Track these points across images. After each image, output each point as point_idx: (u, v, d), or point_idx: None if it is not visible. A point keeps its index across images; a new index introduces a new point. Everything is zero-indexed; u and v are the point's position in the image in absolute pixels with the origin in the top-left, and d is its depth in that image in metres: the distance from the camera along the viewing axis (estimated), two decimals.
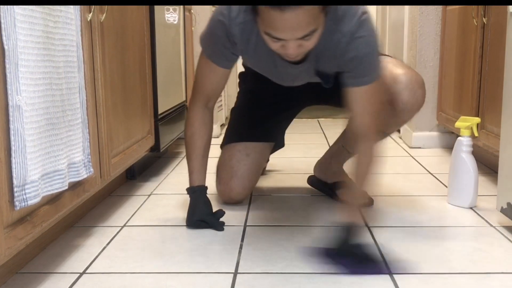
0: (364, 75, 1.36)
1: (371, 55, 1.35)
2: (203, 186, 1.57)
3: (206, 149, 1.59)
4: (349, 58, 1.34)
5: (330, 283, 1.16)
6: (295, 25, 1.16)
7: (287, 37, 1.19)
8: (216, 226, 1.51)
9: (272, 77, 1.61)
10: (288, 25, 1.16)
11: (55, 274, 1.23)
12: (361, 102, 1.38)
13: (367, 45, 1.33)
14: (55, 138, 1.14)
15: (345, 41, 1.32)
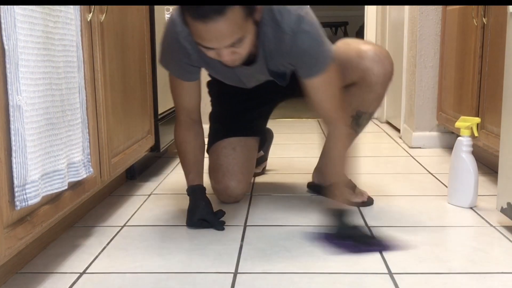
0: (313, 66, 1.41)
1: (315, 46, 1.39)
2: (202, 186, 1.58)
3: (198, 153, 1.61)
4: (295, 53, 1.39)
5: (330, 283, 1.16)
6: (219, 35, 1.21)
7: (215, 46, 1.25)
8: (217, 226, 1.51)
9: (232, 82, 1.65)
10: (213, 35, 1.21)
11: (55, 274, 1.23)
12: (318, 91, 1.44)
13: (309, 37, 1.38)
14: (55, 138, 1.14)
15: (288, 38, 1.37)
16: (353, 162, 1.51)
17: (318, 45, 1.40)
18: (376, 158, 2.49)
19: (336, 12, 5.71)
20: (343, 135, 1.50)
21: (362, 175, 2.16)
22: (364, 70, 1.61)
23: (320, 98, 1.46)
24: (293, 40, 1.38)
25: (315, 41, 1.39)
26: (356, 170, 1.59)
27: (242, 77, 1.59)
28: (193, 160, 1.60)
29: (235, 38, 1.23)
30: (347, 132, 1.51)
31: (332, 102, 1.46)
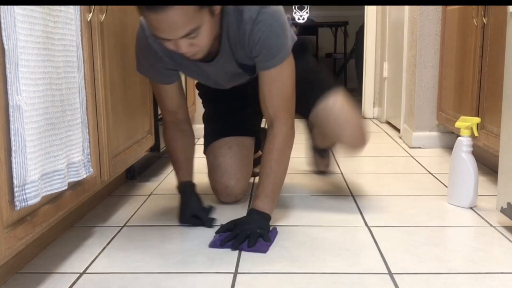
0: (270, 58, 1.40)
1: (273, 38, 1.38)
2: (192, 182, 1.60)
3: (186, 151, 1.63)
4: (253, 43, 1.38)
5: (330, 283, 1.16)
6: (172, 25, 1.22)
7: (169, 37, 1.25)
8: (208, 223, 1.53)
9: (209, 82, 1.67)
10: (166, 25, 1.22)
11: (55, 274, 1.23)
12: (270, 84, 1.43)
13: (267, 28, 1.37)
14: (55, 138, 1.14)
15: (248, 28, 1.37)
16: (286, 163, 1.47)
17: (275, 37, 1.39)
18: (376, 158, 2.49)
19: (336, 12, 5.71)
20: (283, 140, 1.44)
21: (362, 175, 2.16)
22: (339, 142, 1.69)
23: (268, 94, 1.43)
24: (251, 29, 1.37)
25: (272, 32, 1.38)
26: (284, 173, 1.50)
27: (214, 76, 1.59)
28: (182, 157, 1.61)
29: (189, 28, 1.24)
30: (287, 137, 1.45)
31: (280, 100, 1.43)
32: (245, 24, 1.37)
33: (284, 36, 1.41)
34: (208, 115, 1.89)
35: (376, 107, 3.80)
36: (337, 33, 5.51)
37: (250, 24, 1.36)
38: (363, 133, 1.66)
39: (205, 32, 1.28)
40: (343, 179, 2.05)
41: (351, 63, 5.12)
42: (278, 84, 1.43)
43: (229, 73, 1.56)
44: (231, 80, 1.62)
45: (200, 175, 2.10)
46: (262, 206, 1.42)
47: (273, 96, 1.43)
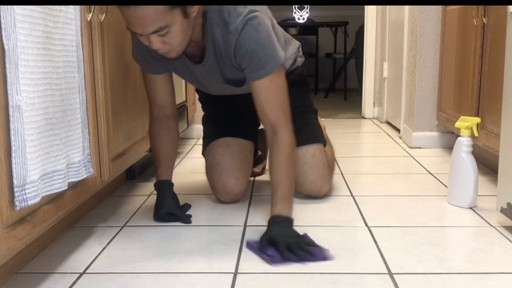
0: (259, 69, 1.41)
1: (260, 50, 1.40)
2: (169, 181, 1.62)
3: (167, 149, 1.64)
4: (241, 55, 1.41)
5: (330, 283, 1.16)
6: (141, 20, 1.25)
7: (140, 31, 1.29)
8: (184, 219, 1.55)
9: (194, 83, 1.71)
10: (136, 20, 1.26)
11: (55, 274, 1.23)
12: (265, 93, 1.44)
13: (253, 40, 1.39)
14: (55, 138, 1.14)
15: (233, 38, 1.40)
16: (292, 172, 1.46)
17: (262, 48, 1.40)
18: (376, 158, 2.49)
19: (336, 12, 5.70)
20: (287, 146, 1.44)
21: (362, 175, 2.16)
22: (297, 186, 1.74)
23: (265, 102, 1.44)
24: (237, 41, 1.40)
25: (259, 44, 1.40)
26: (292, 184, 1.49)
27: (199, 78, 1.62)
28: (162, 155, 1.63)
29: (158, 25, 1.27)
30: (291, 143, 1.45)
31: (276, 107, 1.44)
32: (231, 35, 1.40)
33: (271, 46, 1.42)
34: (208, 118, 1.90)
35: (376, 107, 3.80)
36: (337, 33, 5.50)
37: (236, 35, 1.39)
38: (321, 187, 1.76)
39: (176, 31, 1.31)
40: (343, 179, 2.05)
41: (351, 63, 5.12)
42: (273, 91, 1.44)
43: (215, 83, 1.60)
44: (217, 88, 1.67)
45: (199, 175, 2.10)
46: (285, 211, 1.39)
47: (270, 104, 1.44)
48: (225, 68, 1.50)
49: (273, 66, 1.42)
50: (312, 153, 1.75)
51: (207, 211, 1.69)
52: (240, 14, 1.39)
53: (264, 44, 1.40)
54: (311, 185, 1.74)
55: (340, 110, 4.23)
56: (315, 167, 1.74)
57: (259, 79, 1.42)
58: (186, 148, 2.73)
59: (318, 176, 1.74)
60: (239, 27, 1.38)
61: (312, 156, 1.75)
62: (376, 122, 3.65)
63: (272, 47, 1.42)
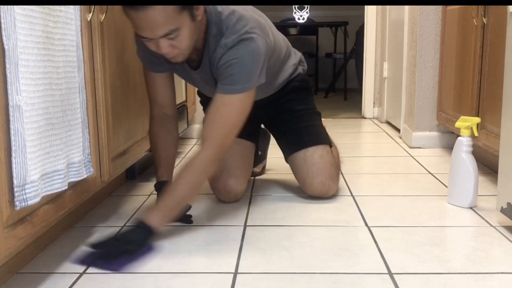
0: (228, 83, 1.41)
1: (238, 67, 1.40)
2: (170, 182, 1.59)
3: (168, 149, 1.63)
4: (221, 66, 1.42)
5: (330, 283, 1.16)
6: (151, 24, 1.26)
7: (149, 36, 1.29)
8: (185, 220, 1.54)
9: (194, 84, 1.72)
10: (145, 24, 1.26)
11: (55, 274, 1.23)
12: (218, 108, 1.42)
13: (237, 57, 1.39)
14: (55, 138, 1.14)
15: (221, 52, 1.42)
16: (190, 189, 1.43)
17: (241, 67, 1.40)
18: (376, 158, 2.49)
19: (336, 12, 5.70)
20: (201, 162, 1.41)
21: (362, 175, 2.16)
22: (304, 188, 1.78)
23: (214, 115, 1.43)
24: (222, 54, 1.41)
25: (240, 62, 1.40)
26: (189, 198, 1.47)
27: (196, 82, 1.64)
28: (163, 155, 1.62)
29: (168, 28, 1.28)
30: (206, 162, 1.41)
31: (220, 127, 1.42)
32: (220, 48, 1.42)
33: (251, 71, 1.41)
34: None
35: (376, 107, 3.80)
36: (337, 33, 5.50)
37: (224, 50, 1.41)
38: (329, 188, 1.76)
39: (185, 34, 1.32)
40: (343, 179, 2.05)
41: (351, 63, 5.12)
42: (227, 110, 1.42)
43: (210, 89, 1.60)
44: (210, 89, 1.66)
45: None
46: (152, 219, 1.34)
47: (215, 120, 1.42)
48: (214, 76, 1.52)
49: (241, 88, 1.41)
50: (319, 154, 1.76)
51: (207, 211, 1.69)
52: (236, 32, 1.41)
53: (245, 65, 1.40)
54: (320, 186, 1.74)
55: (340, 110, 4.23)
56: (323, 168, 1.74)
57: (223, 93, 1.41)
58: (186, 148, 2.73)
59: (327, 176, 1.74)
60: (229, 44, 1.41)
61: (320, 157, 1.75)
62: (376, 122, 3.65)
63: (251, 72, 1.42)
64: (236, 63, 1.40)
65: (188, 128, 2.94)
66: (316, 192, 1.75)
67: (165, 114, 1.63)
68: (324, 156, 1.76)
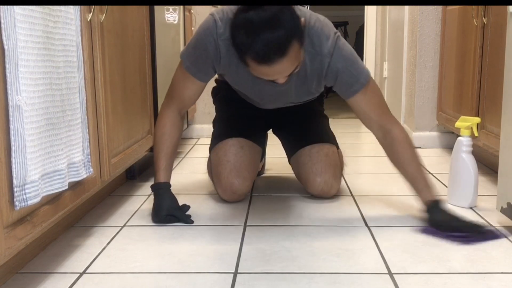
0: (354, 83, 1.51)
1: (350, 67, 1.50)
2: (168, 183, 1.61)
3: (174, 150, 1.64)
4: (333, 75, 1.50)
5: (330, 283, 1.16)
6: (282, 70, 1.32)
7: (277, 79, 1.36)
8: (186, 220, 1.55)
9: (250, 95, 1.71)
10: (277, 72, 1.32)
11: (55, 274, 1.23)
12: (366, 103, 1.54)
13: (344, 59, 1.49)
14: (55, 138, 1.14)
15: (326, 61, 1.48)
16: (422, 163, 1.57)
17: (352, 66, 1.50)
18: (376, 158, 2.49)
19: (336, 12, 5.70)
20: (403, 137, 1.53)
21: (362, 175, 2.16)
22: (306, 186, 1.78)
23: (369, 111, 1.54)
24: (330, 61, 1.47)
25: (349, 62, 1.49)
26: None
27: (263, 94, 1.64)
28: (168, 155, 1.61)
29: (294, 67, 1.34)
30: (404, 134, 1.55)
31: (381, 111, 1.55)
32: (324, 57, 1.48)
33: (358, 61, 1.53)
34: (223, 117, 1.90)
35: None
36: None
37: (329, 57, 1.47)
38: (332, 188, 1.75)
39: (301, 63, 1.40)
40: (343, 179, 2.05)
41: None
42: (373, 99, 1.54)
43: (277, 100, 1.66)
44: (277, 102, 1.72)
45: (199, 175, 2.10)
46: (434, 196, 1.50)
47: (375, 110, 1.54)
48: (302, 87, 1.57)
49: (365, 77, 1.51)
50: (325, 152, 1.75)
51: (207, 211, 1.69)
52: (328, 38, 1.47)
53: (353, 60, 1.50)
54: (323, 184, 1.73)
55: (340, 110, 4.23)
56: (328, 167, 1.74)
57: (357, 93, 1.51)
58: (186, 148, 2.73)
59: (330, 176, 1.74)
60: (331, 50, 1.47)
61: (325, 155, 1.75)
62: None
63: (359, 61, 1.53)
64: (346, 65, 1.48)
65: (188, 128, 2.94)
66: (318, 190, 1.75)
67: (180, 114, 1.63)
68: (330, 155, 1.76)
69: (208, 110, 2.93)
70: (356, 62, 1.51)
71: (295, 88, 1.58)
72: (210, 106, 1.95)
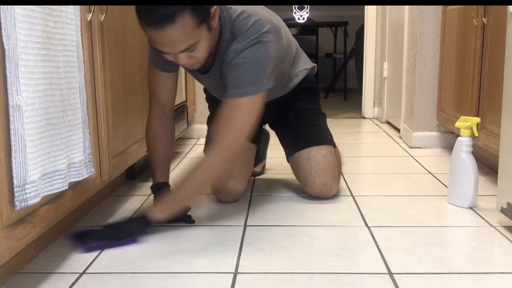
0: (240, 86, 1.41)
1: (251, 69, 1.41)
2: (167, 183, 1.61)
3: (168, 150, 1.64)
4: (232, 64, 1.42)
5: (330, 283, 1.16)
6: (171, 41, 1.28)
7: (169, 51, 1.31)
8: (187, 220, 1.54)
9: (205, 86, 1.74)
10: (165, 41, 1.28)
11: (55, 274, 1.23)
12: (224, 110, 1.42)
13: (250, 59, 1.41)
14: (55, 138, 1.14)
15: (231, 57, 1.43)
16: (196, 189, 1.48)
17: (247, 77, 1.41)
18: (376, 158, 2.49)
19: (336, 12, 5.70)
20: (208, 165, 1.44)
21: (362, 175, 2.16)
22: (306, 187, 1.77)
23: (221, 118, 1.43)
24: (232, 59, 1.42)
25: (247, 73, 1.41)
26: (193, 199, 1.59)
27: (210, 87, 1.66)
28: (162, 156, 1.61)
29: (188, 44, 1.29)
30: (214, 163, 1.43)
31: (227, 129, 1.42)
32: (231, 53, 1.43)
33: (258, 75, 1.42)
34: (213, 118, 1.89)
35: (376, 107, 3.80)
36: (337, 33, 5.50)
37: (234, 55, 1.42)
38: (331, 189, 1.75)
39: (203, 46, 1.34)
40: (343, 179, 2.05)
41: (351, 63, 5.12)
42: (234, 114, 1.42)
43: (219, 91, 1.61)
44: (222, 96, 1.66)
45: None
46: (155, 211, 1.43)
47: (225, 123, 1.42)
48: None
49: (249, 91, 1.41)
50: (323, 154, 1.76)
51: (207, 211, 1.69)
52: (248, 37, 1.41)
53: (251, 68, 1.41)
54: (322, 186, 1.74)
55: (340, 110, 4.23)
56: (327, 168, 1.74)
57: (232, 97, 1.41)
58: (186, 148, 2.73)
59: (329, 177, 1.74)
60: (239, 49, 1.41)
61: (323, 157, 1.75)
62: (376, 122, 3.65)
63: (258, 77, 1.42)
64: (242, 66, 1.41)
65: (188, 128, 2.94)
66: (317, 192, 1.75)
67: (165, 114, 1.63)
68: (328, 156, 1.76)
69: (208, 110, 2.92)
70: (260, 72, 1.42)
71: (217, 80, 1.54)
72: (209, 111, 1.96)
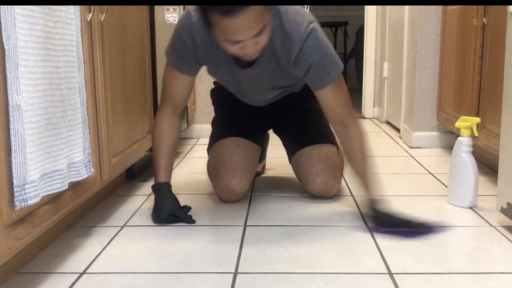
0: (325, 76, 1.50)
1: (323, 60, 1.48)
2: (168, 183, 1.61)
3: (173, 150, 1.64)
4: (303, 65, 1.48)
5: (330, 283, 1.16)
6: (247, 25, 1.29)
7: (244, 38, 1.31)
8: (188, 220, 1.55)
9: (231, 87, 1.72)
10: (242, 27, 1.28)
11: (55, 274, 1.23)
12: (333, 97, 1.55)
13: (317, 52, 1.47)
14: (55, 138, 1.14)
15: (296, 48, 1.46)
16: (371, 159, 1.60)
17: (325, 59, 1.48)
18: (376, 158, 2.49)
19: (336, 12, 5.70)
20: (361, 135, 1.57)
21: None
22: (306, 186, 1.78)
23: (335, 104, 1.55)
24: (300, 50, 1.45)
25: (322, 56, 1.47)
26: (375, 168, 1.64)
27: (242, 83, 1.63)
28: (167, 156, 1.61)
29: (259, 27, 1.31)
30: (362, 131, 1.58)
31: (344, 106, 1.56)
32: (294, 43, 1.45)
33: (333, 55, 1.51)
34: (219, 117, 1.92)
35: (376, 107, 3.80)
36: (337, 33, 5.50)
37: (299, 44, 1.45)
38: (332, 188, 1.76)
39: (268, 30, 1.36)
40: (343, 179, 2.05)
41: (351, 63, 5.12)
42: (340, 94, 1.55)
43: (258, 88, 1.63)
44: (258, 92, 1.69)
45: (199, 175, 2.10)
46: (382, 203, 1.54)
47: (339, 104, 1.55)
48: (277, 72, 1.55)
49: (337, 72, 1.51)
50: (325, 153, 1.76)
51: (207, 211, 1.69)
52: (300, 24, 1.45)
53: (327, 53, 1.48)
54: (322, 185, 1.74)
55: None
56: (328, 167, 1.74)
57: (327, 86, 1.51)
58: (186, 148, 2.73)
59: (330, 176, 1.74)
60: (302, 37, 1.44)
61: (325, 155, 1.76)
62: (376, 122, 3.65)
63: (334, 55, 1.51)
64: (320, 58, 1.47)
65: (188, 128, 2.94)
66: (318, 190, 1.75)
67: (175, 114, 1.63)
68: (330, 155, 1.76)
69: (208, 110, 2.93)
70: (331, 56, 1.50)
71: (266, 73, 1.55)
72: (210, 106, 1.95)
